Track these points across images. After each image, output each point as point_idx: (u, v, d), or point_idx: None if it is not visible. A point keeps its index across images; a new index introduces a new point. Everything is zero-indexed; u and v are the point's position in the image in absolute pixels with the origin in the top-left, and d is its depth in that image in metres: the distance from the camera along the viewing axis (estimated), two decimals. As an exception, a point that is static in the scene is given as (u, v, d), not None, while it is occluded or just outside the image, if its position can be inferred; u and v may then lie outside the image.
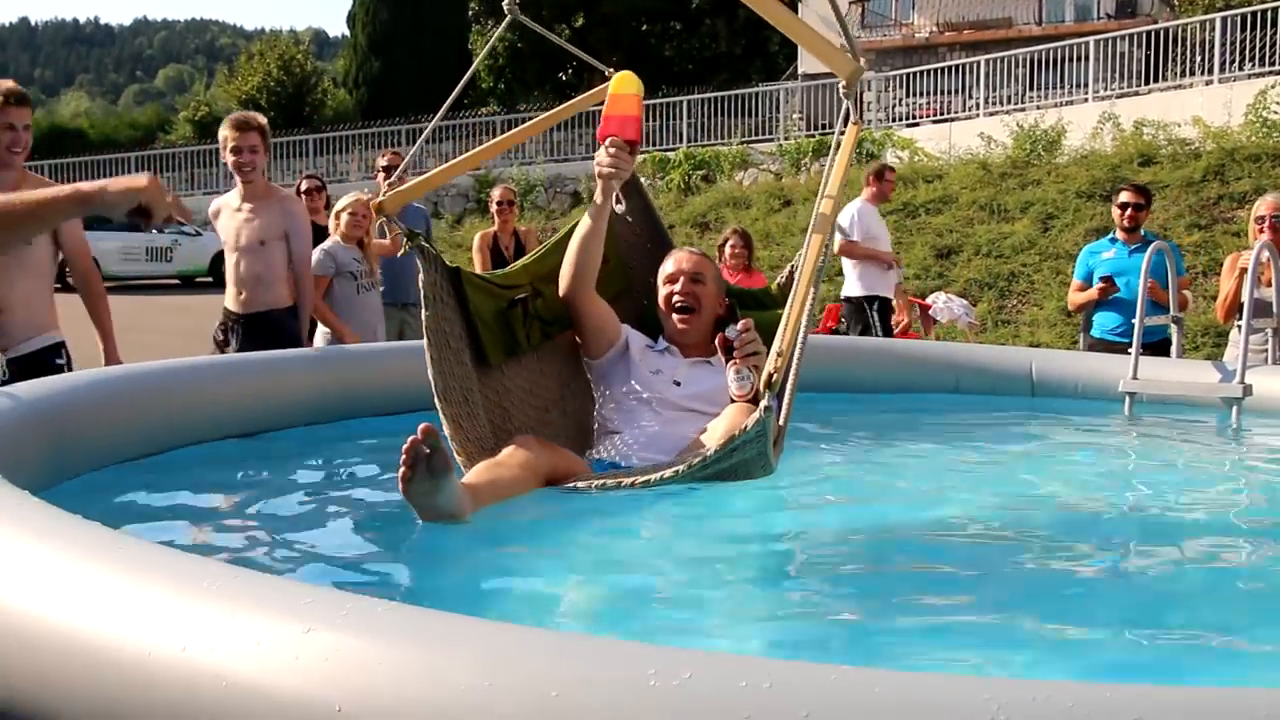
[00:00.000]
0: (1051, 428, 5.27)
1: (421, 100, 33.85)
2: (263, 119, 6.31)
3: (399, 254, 3.97)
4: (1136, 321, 5.67)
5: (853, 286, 9.66)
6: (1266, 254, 5.74)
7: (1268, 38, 19.92)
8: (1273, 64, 19.40)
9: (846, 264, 9.72)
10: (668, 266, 4.08)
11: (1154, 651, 2.33)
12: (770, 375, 3.20)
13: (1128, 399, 5.50)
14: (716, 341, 3.57)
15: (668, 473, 3.29)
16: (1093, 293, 7.54)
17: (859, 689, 1.32)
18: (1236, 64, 20.26)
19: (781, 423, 3.58)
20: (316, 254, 7.43)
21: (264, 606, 1.60)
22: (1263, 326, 6.31)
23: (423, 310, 3.66)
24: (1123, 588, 2.78)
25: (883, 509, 3.63)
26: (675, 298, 4.02)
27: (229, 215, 6.37)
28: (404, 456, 2.81)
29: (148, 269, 25.26)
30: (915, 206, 17.42)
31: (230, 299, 6.40)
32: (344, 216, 7.46)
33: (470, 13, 39.81)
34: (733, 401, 3.45)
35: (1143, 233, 7.64)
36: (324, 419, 4.68)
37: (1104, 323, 7.56)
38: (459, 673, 1.42)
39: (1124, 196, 7.63)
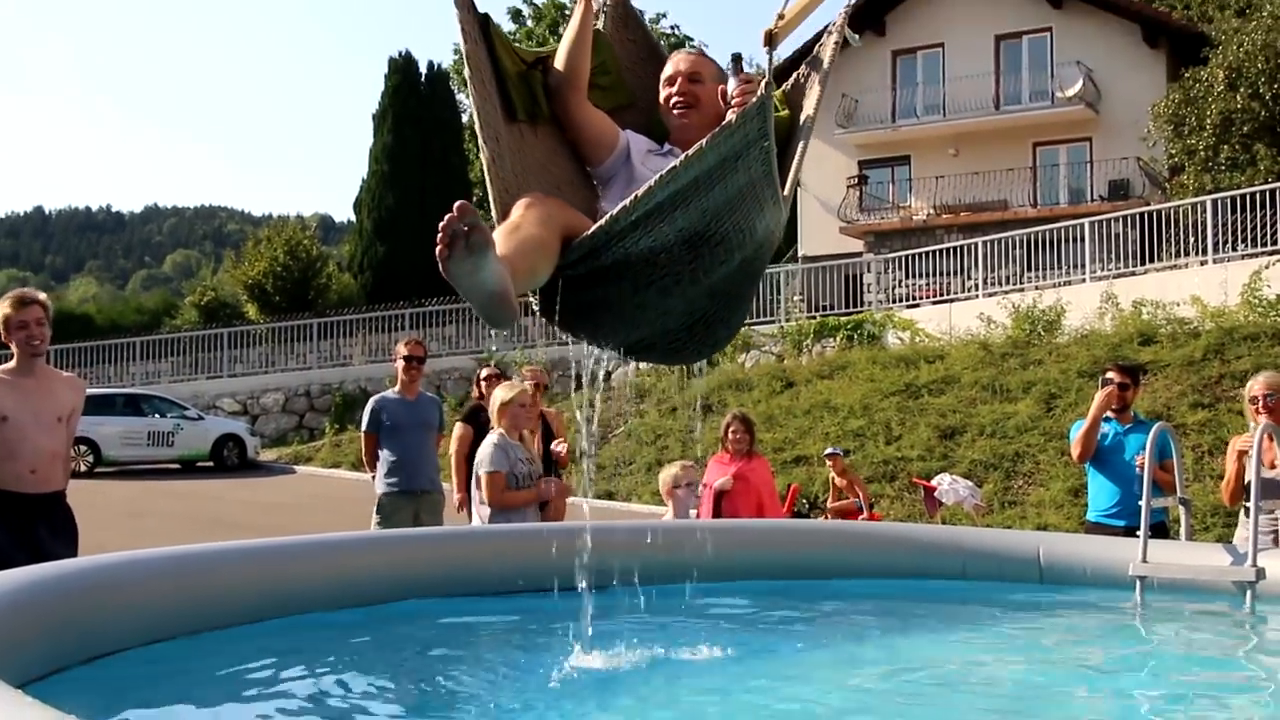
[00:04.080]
0: (1061, 616, 5.16)
1: (425, 285, 34.20)
2: (43, 295, 6.07)
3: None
4: (1143, 504, 5.58)
5: None
6: (1269, 435, 5.69)
7: (1259, 219, 20.22)
8: (1265, 244, 19.66)
9: None
10: (667, 70, 4.13)
11: None
12: (770, 32, 3.34)
13: (1138, 583, 5.39)
14: (718, 94, 3.76)
15: (670, 167, 3.28)
16: (1099, 400, 7.36)
17: None
18: (1230, 245, 20.52)
19: (787, 190, 3.72)
20: (490, 448, 7.17)
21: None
22: (1271, 507, 6.22)
23: (461, 44, 3.78)
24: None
25: (886, 703, 3.52)
26: (674, 98, 4.05)
27: (10, 388, 5.84)
28: (440, 234, 2.85)
29: (149, 453, 25.28)
30: (917, 387, 17.46)
31: (10, 479, 5.75)
32: (509, 411, 7.06)
33: (474, 199, 40.56)
34: None
35: (1133, 411, 7.61)
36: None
37: (1100, 505, 7.46)
38: None
39: (1110, 375, 7.61)
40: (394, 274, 36.08)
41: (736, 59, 4.04)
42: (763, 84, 3.33)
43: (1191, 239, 21.64)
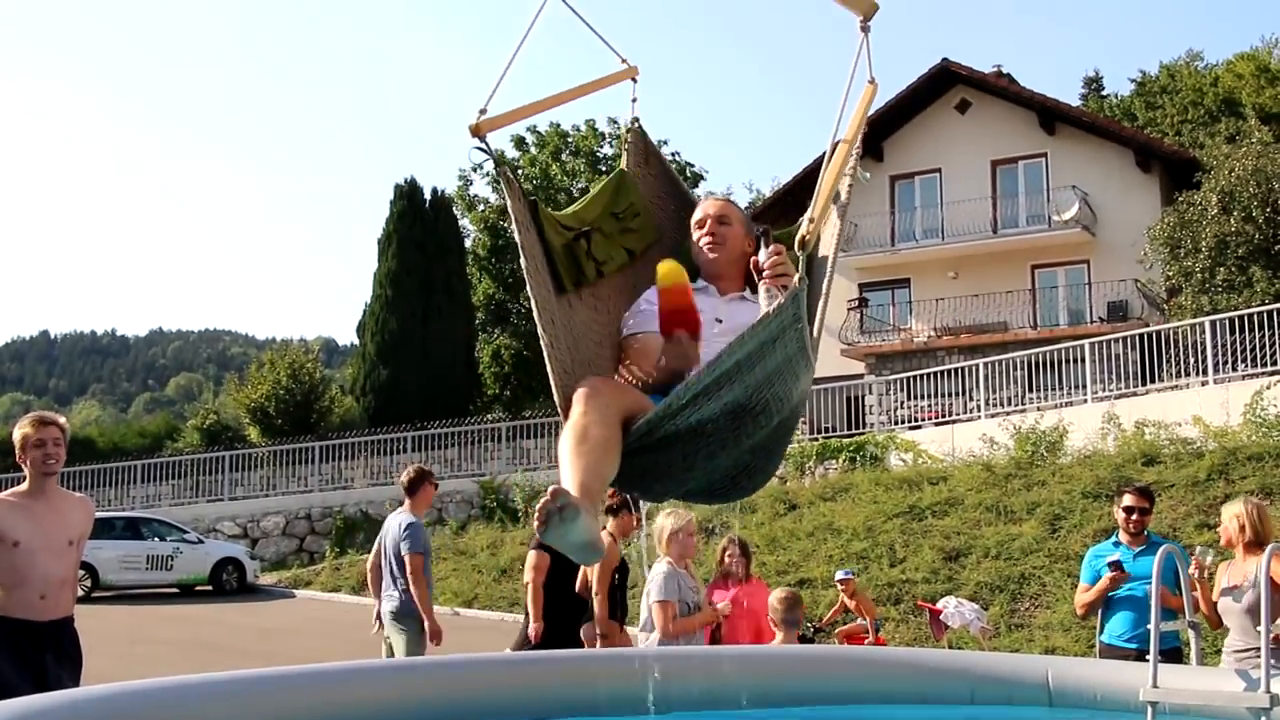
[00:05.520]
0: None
1: (427, 408, 34.25)
2: (63, 419, 6.12)
3: None
4: (1152, 628, 5.51)
5: None
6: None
7: (1258, 340, 20.30)
8: (1264, 365, 19.71)
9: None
10: (696, 214, 4.52)
11: None
12: (804, 238, 3.55)
13: (1150, 709, 5.31)
14: (750, 265, 4.03)
15: (716, 356, 3.54)
16: (1103, 584, 7.39)
17: None
18: (1230, 365, 20.58)
19: (815, 333, 3.93)
20: (662, 579, 7.15)
21: None
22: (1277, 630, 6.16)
23: (516, 233, 4.07)
24: None
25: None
26: (704, 238, 4.43)
27: (23, 511, 5.76)
28: (539, 515, 3.19)
29: (148, 578, 25.03)
30: (921, 509, 17.38)
31: (19, 605, 5.65)
32: (677, 540, 7.10)
33: (476, 323, 40.81)
34: None
35: (1147, 533, 7.55)
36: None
37: (1114, 629, 7.40)
38: None
39: (1128, 500, 7.54)
40: (396, 397, 36.12)
41: (765, 233, 4.24)
42: (796, 278, 3.56)
43: (1191, 359, 21.71)
